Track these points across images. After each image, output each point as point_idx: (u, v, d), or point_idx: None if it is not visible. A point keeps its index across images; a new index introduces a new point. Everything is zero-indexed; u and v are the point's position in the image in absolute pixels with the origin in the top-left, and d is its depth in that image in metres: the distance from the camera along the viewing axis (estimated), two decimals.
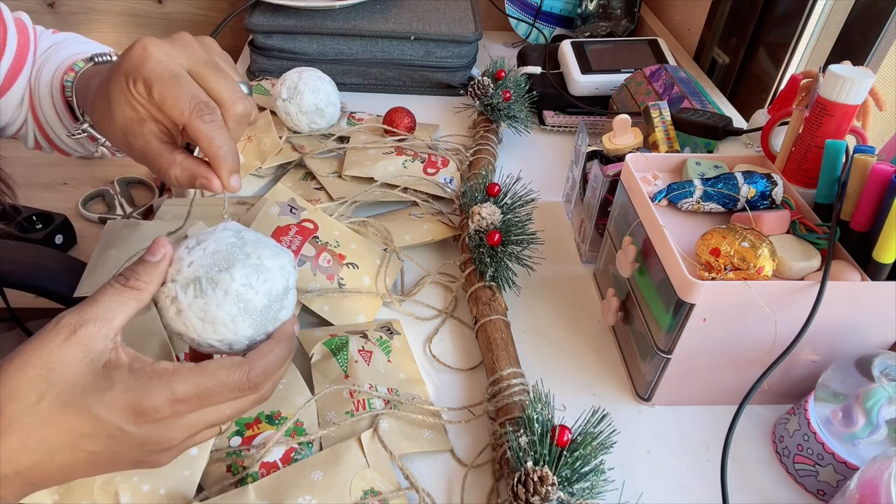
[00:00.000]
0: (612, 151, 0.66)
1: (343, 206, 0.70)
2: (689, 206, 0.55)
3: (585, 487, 0.44)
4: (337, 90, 0.81)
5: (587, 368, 0.59)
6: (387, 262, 0.66)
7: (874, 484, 0.38)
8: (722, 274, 0.47)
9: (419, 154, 0.78)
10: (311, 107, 0.78)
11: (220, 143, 0.39)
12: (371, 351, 0.56)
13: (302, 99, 0.78)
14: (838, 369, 0.49)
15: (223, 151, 0.39)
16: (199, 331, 0.38)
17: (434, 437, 0.52)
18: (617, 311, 0.59)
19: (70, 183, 1.29)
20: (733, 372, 0.53)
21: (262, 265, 0.39)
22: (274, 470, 0.46)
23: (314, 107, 0.78)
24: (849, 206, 0.50)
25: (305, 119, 0.79)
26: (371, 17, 0.93)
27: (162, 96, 0.38)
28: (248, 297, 0.38)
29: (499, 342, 0.56)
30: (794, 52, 0.90)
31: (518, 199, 0.67)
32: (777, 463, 0.53)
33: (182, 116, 0.38)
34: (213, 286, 0.37)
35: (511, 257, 0.62)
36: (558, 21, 1.19)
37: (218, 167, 0.40)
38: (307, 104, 0.78)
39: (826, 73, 0.53)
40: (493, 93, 0.85)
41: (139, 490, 0.43)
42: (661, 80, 0.85)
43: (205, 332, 0.38)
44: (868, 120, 0.63)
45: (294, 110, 0.78)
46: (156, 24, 1.33)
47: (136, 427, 0.33)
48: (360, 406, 0.51)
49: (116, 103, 0.39)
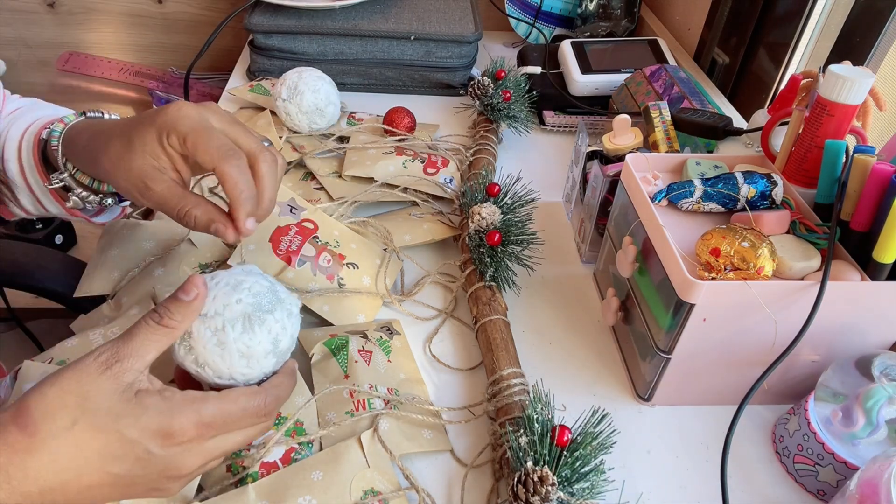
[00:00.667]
0: (612, 151, 0.66)
1: (343, 206, 0.70)
2: (689, 206, 0.55)
3: (585, 487, 0.44)
4: (337, 90, 0.81)
5: (587, 368, 0.59)
6: (387, 262, 0.66)
7: (874, 484, 0.38)
8: (722, 274, 0.47)
9: (419, 154, 0.78)
10: (311, 107, 0.78)
11: (243, 186, 0.43)
12: (371, 351, 0.56)
13: (302, 99, 0.78)
14: (838, 369, 0.49)
15: (244, 196, 0.43)
16: (234, 363, 0.41)
17: (434, 437, 0.52)
18: (617, 311, 0.59)
19: None
20: (733, 372, 0.53)
21: (292, 312, 0.44)
22: (274, 470, 0.46)
23: (314, 107, 0.78)
24: (849, 206, 0.50)
25: (305, 119, 0.79)
26: (371, 17, 0.93)
27: (195, 145, 0.42)
28: (280, 338, 0.42)
29: (499, 342, 0.56)
30: (794, 52, 0.90)
31: (518, 199, 0.67)
32: (777, 463, 0.53)
33: (212, 161, 0.42)
34: (259, 324, 0.41)
35: (511, 257, 0.62)
36: (558, 21, 1.19)
37: (237, 209, 0.43)
38: (307, 104, 0.78)
39: (826, 73, 0.53)
40: (493, 93, 0.85)
41: None
42: (661, 80, 0.85)
43: (238, 365, 0.41)
44: (868, 120, 0.63)
45: (294, 110, 0.78)
46: (156, 25, 1.33)
47: (162, 450, 0.36)
48: (360, 406, 0.51)
49: (139, 153, 0.43)
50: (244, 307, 0.41)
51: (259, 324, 0.41)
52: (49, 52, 1.34)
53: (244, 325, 0.41)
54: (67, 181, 0.51)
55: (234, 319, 0.41)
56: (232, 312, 0.41)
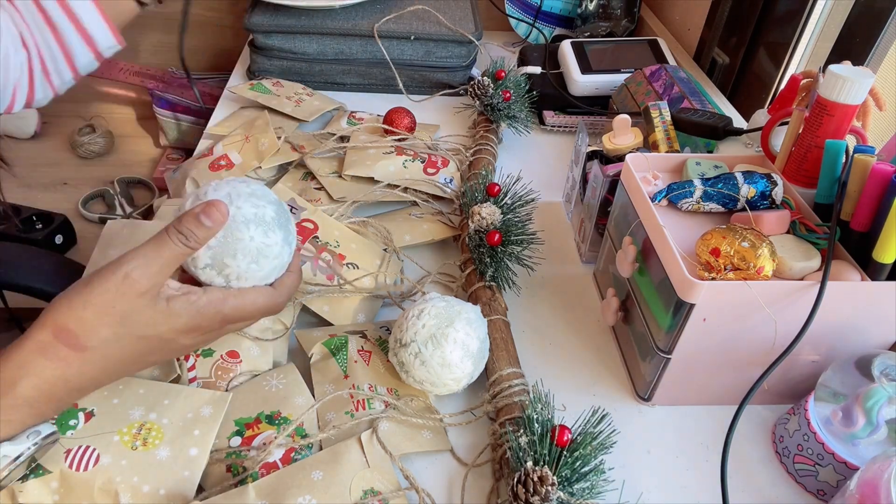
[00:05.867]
0: (612, 151, 0.66)
1: (343, 206, 0.70)
2: (689, 206, 0.55)
3: (585, 487, 0.44)
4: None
5: (587, 368, 0.59)
6: (387, 262, 0.66)
7: (874, 484, 0.38)
8: (722, 274, 0.47)
9: (419, 154, 0.78)
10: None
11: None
12: (371, 351, 0.56)
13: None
14: (838, 369, 0.49)
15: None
16: (248, 267, 0.45)
17: (434, 437, 0.52)
18: (617, 311, 0.59)
19: (70, 183, 1.29)
20: (733, 372, 0.53)
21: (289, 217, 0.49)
22: (274, 470, 0.46)
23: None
24: (849, 206, 0.50)
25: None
26: (371, 17, 0.93)
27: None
28: (290, 240, 0.48)
29: (499, 342, 0.56)
30: (794, 52, 0.90)
31: (518, 199, 0.67)
32: (777, 463, 0.53)
33: None
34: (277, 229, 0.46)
35: (511, 257, 0.62)
36: (558, 21, 1.19)
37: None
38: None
39: (826, 73, 0.53)
40: (493, 93, 0.85)
41: (139, 490, 0.43)
42: (661, 80, 0.85)
43: (252, 268, 0.45)
44: (868, 120, 0.63)
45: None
46: (156, 25, 1.33)
47: (190, 339, 0.44)
48: (360, 406, 0.51)
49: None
50: (267, 212, 0.45)
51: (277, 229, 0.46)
52: None
53: (265, 231, 0.45)
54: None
55: (262, 223, 0.45)
56: (259, 218, 0.44)
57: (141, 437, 0.45)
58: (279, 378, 0.52)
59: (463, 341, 0.50)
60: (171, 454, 0.45)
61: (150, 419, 0.46)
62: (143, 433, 0.45)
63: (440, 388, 0.51)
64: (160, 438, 0.45)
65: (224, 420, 0.48)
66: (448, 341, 0.50)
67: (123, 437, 0.45)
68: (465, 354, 0.50)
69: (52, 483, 0.43)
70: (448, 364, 0.50)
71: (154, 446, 0.45)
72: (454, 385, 0.51)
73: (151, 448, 0.45)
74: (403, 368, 0.52)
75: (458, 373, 0.50)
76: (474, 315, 0.53)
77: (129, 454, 0.44)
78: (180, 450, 0.45)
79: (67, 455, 0.43)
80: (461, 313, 0.52)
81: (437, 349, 0.50)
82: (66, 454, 0.43)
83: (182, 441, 0.45)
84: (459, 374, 0.51)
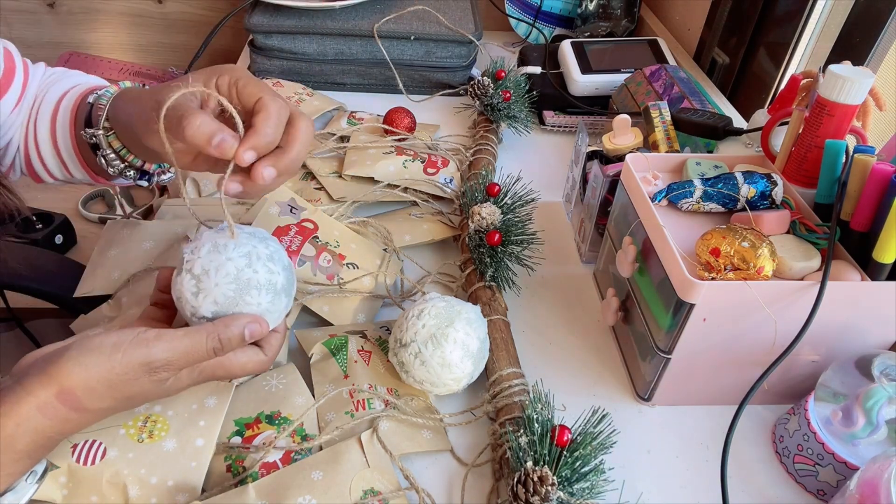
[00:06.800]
0: (612, 151, 0.66)
1: (343, 206, 0.70)
2: (689, 206, 0.55)
3: (585, 487, 0.44)
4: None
5: (587, 368, 0.59)
6: (387, 262, 0.66)
7: (874, 484, 0.38)
8: (722, 274, 0.47)
9: (419, 154, 0.78)
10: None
11: (273, 123, 0.43)
12: (371, 351, 0.56)
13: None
14: (838, 369, 0.49)
15: (268, 131, 0.43)
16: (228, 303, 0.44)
17: (434, 437, 0.52)
18: (617, 311, 0.59)
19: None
20: (733, 372, 0.53)
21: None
22: (274, 470, 0.46)
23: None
24: (849, 206, 0.50)
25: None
26: (371, 17, 0.93)
27: (245, 84, 0.44)
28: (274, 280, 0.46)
29: (499, 342, 0.56)
30: (794, 52, 0.90)
31: (518, 199, 0.67)
32: (777, 463, 0.53)
33: (259, 92, 0.44)
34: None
35: (511, 257, 0.62)
36: (558, 21, 1.19)
37: (252, 137, 0.43)
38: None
39: (826, 73, 0.53)
40: (493, 93, 0.85)
41: (147, 482, 0.43)
42: (661, 80, 0.85)
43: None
44: (868, 120, 0.63)
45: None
46: (156, 25, 1.33)
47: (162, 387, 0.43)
48: (360, 406, 0.51)
49: (179, 91, 0.42)
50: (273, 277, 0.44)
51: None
52: (49, 52, 1.34)
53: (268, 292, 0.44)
54: (99, 138, 0.52)
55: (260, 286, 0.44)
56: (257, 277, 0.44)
57: (147, 430, 0.45)
58: (279, 378, 0.52)
59: (463, 341, 0.51)
60: (177, 445, 0.45)
61: (155, 411, 0.46)
62: (148, 425, 0.45)
63: (440, 388, 0.51)
64: (166, 430, 0.45)
65: (224, 420, 0.48)
66: (448, 341, 0.50)
67: (129, 430, 0.45)
68: (465, 354, 0.51)
69: (61, 478, 0.43)
70: (448, 364, 0.50)
71: (160, 438, 0.45)
72: (454, 385, 0.51)
73: (158, 440, 0.45)
74: (403, 368, 0.52)
75: (458, 373, 0.51)
76: (474, 315, 0.53)
77: (136, 447, 0.44)
78: (187, 441, 0.45)
79: (74, 450, 0.43)
80: (461, 313, 0.52)
81: (437, 349, 0.50)
82: (72, 449, 0.43)
83: (188, 432, 0.46)
84: (459, 374, 0.51)
